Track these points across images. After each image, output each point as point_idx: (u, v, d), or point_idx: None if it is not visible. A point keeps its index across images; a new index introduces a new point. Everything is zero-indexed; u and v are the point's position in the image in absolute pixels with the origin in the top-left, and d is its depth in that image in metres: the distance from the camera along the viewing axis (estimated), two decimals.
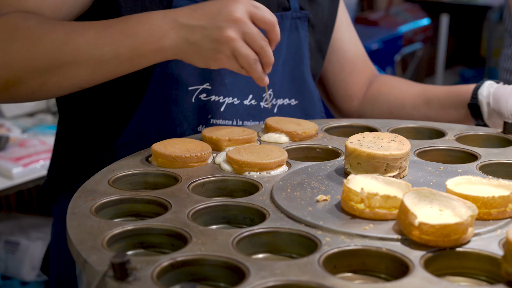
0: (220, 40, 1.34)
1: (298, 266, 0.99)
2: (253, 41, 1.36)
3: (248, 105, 1.63)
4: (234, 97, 1.60)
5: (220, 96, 1.58)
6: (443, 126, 1.58)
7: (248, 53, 1.36)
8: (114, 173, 1.31)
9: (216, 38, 1.35)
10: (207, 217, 1.18)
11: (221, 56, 1.36)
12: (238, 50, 1.35)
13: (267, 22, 1.38)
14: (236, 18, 1.34)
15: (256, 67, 1.38)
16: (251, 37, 1.36)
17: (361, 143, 1.29)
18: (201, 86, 1.57)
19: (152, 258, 1.00)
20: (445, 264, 1.04)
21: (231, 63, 1.38)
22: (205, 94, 1.57)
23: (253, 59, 1.37)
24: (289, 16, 1.66)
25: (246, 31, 1.35)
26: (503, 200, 1.11)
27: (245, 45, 1.36)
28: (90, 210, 1.16)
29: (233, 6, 1.35)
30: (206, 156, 1.36)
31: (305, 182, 1.26)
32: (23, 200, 3.49)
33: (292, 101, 1.71)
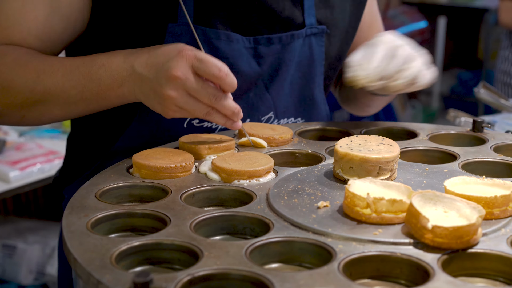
0: (162, 97, 1.33)
1: (321, 275, 0.98)
2: (199, 97, 1.32)
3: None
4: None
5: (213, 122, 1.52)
6: (413, 126, 1.60)
7: (196, 108, 1.33)
8: (98, 186, 1.26)
9: (159, 95, 1.33)
10: (207, 229, 1.15)
11: (168, 111, 1.35)
12: (183, 107, 1.33)
13: (213, 76, 1.31)
14: (174, 76, 1.30)
15: (211, 118, 1.35)
16: (196, 93, 1.32)
17: (351, 147, 1.29)
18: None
19: (170, 275, 0.97)
20: (459, 265, 1.05)
21: (185, 113, 1.35)
22: (197, 120, 1.54)
23: (204, 113, 1.34)
24: (302, 34, 1.58)
25: (188, 87, 1.31)
26: (504, 199, 1.13)
27: (191, 100, 1.32)
28: (86, 227, 1.11)
29: (174, 62, 1.31)
30: (190, 165, 1.33)
31: (299, 188, 1.25)
32: (20, 204, 3.46)
33: (299, 119, 1.67)
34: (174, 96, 1.31)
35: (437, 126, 1.61)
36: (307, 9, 1.59)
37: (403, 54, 1.45)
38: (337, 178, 1.29)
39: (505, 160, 1.40)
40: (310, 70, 1.62)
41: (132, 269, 1.06)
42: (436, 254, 1.03)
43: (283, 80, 1.59)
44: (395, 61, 1.43)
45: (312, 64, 1.62)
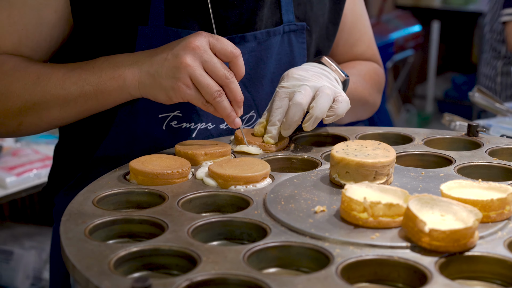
0: (177, 66, 1.32)
1: (319, 280, 0.98)
2: (214, 71, 1.33)
3: (224, 128, 1.59)
4: (208, 122, 1.56)
5: (192, 122, 1.54)
6: (407, 131, 1.61)
7: (209, 82, 1.33)
8: (96, 193, 1.26)
9: (174, 66, 1.33)
10: (205, 234, 1.16)
11: (180, 84, 1.33)
12: (197, 79, 1.33)
13: (229, 54, 1.35)
14: (194, 45, 1.33)
15: (221, 101, 1.35)
16: (212, 66, 1.33)
17: (347, 152, 1.29)
18: (171, 114, 1.53)
19: (168, 281, 0.97)
20: (456, 269, 1.05)
21: (193, 94, 1.35)
22: (175, 122, 1.54)
23: (216, 91, 1.34)
24: (279, 31, 1.59)
25: (205, 59, 1.33)
26: (501, 203, 1.14)
27: (206, 75, 1.33)
28: (84, 233, 1.11)
29: (192, 37, 1.35)
30: (187, 171, 1.33)
31: (296, 193, 1.25)
32: (16, 209, 3.47)
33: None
34: (192, 64, 1.32)
35: (432, 130, 1.61)
36: (285, 6, 1.60)
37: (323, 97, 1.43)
38: (333, 183, 1.29)
39: (500, 164, 1.40)
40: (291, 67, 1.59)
41: (131, 275, 1.06)
42: (433, 258, 1.04)
43: (262, 78, 1.59)
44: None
45: (293, 61, 1.63)
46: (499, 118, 2.19)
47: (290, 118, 1.43)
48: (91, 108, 1.44)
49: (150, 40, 1.47)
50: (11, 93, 1.42)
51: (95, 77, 1.40)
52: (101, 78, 1.40)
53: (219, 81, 1.35)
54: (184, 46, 1.34)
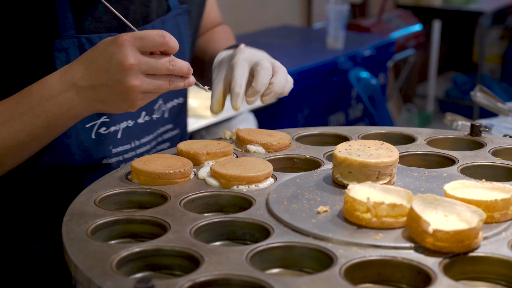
0: (125, 92, 1.29)
1: (322, 280, 0.98)
2: (157, 71, 1.31)
3: (142, 122, 1.59)
4: (128, 120, 1.56)
5: (117, 124, 1.53)
6: (410, 131, 1.60)
7: (159, 83, 1.32)
8: (97, 193, 1.26)
9: (121, 91, 1.30)
10: (207, 234, 1.15)
11: (134, 102, 1.32)
12: (147, 89, 1.31)
13: (159, 46, 1.31)
14: (128, 65, 1.28)
15: (175, 85, 1.34)
16: (153, 70, 1.31)
17: (350, 152, 1.29)
18: (98, 121, 1.51)
19: (171, 281, 0.97)
20: (460, 269, 1.05)
21: (149, 98, 1.34)
22: (104, 128, 1.52)
23: (167, 84, 1.33)
24: (170, 17, 1.61)
25: (145, 68, 1.30)
26: (505, 203, 1.13)
27: (152, 80, 1.31)
28: (86, 233, 1.11)
29: (120, 54, 1.28)
30: (189, 171, 1.33)
31: (298, 193, 1.25)
32: None
33: (180, 99, 1.69)
34: (138, 84, 1.29)
35: (435, 130, 1.61)
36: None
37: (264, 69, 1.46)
38: (336, 183, 1.29)
39: (503, 164, 1.40)
40: (181, 51, 1.60)
41: (133, 276, 1.06)
42: (437, 258, 1.03)
43: None
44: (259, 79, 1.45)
45: (182, 43, 1.62)
46: (501, 118, 2.18)
47: (260, 81, 1.44)
48: (45, 143, 1.41)
49: (66, 51, 1.44)
50: None
51: (41, 120, 1.35)
52: (48, 119, 1.34)
53: (166, 73, 1.33)
54: (119, 69, 1.28)
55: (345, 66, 3.79)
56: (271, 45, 3.87)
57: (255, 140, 1.47)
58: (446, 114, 1.91)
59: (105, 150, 1.53)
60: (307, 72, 3.54)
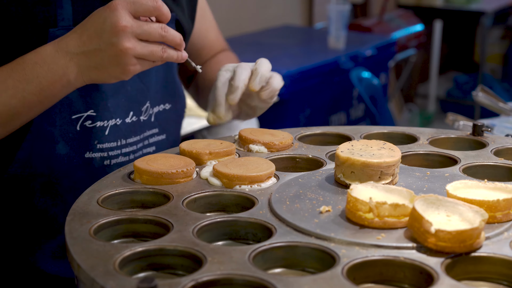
0: (118, 55, 1.31)
1: (325, 280, 0.98)
2: (150, 36, 1.33)
3: (129, 122, 1.59)
4: (117, 118, 1.57)
5: (104, 120, 1.54)
6: (412, 130, 1.60)
7: (152, 49, 1.33)
8: (100, 193, 1.26)
9: (114, 54, 1.31)
10: (209, 234, 1.15)
11: (127, 67, 1.33)
12: (141, 54, 1.32)
13: (151, 10, 1.33)
14: (122, 27, 1.30)
15: (168, 54, 1.36)
16: (146, 34, 1.32)
17: (352, 151, 1.29)
18: (84, 114, 1.52)
19: (174, 281, 0.97)
20: (462, 269, 1.05)
21: (142, 65, 1.35)
22: (90, 121, 1.53)
23: (160, 51, 1.34)
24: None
25: (138, 32, 1.31)
26: (507, 203, 1.14)
27: (145, 44, 1.33)
28: (89, 233, 1.11)
29: (113, 17, 1.31)
30: (191, 171, 1.33)
31: (301, 193, 1.25)
32: None
33: (167, 105, 1.69)
34: (130, 46, 1.30)
35: (437, 130, 1.61)
36: None
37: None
38: (338, 182, 1.29)
39: (506, 164, 1.40)
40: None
41: (136, 275, 1.06)
42: (439, 258, 1.03)
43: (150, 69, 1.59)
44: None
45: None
46: (502, 118, 2.18)
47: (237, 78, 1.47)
48: (36, 113, 1.41)
49: None
50: None
51: (34, 86, 1.35)
52: (41, 85, 1.35)
53: (159, 39, 1.34)
54: (112, 31, 1.30)
55: (346, 66, 3.79)
56: (272, 45, 3.87)
57: (257, 140, 1.48)
58: (447, 114, 1.92)
59: (88, 144, 1.53)
60: (309, 72, 3.53)
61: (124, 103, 1.56)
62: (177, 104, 1.72)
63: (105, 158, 1.56)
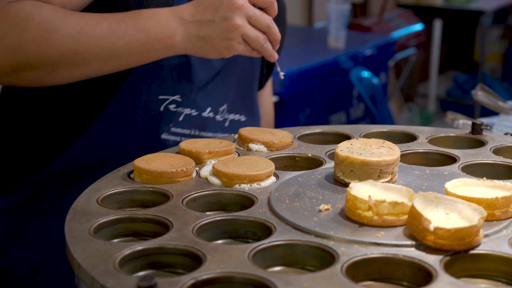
0: (229, 29, 1.41)
1: (324, 278, 0.98)
2: (259, 22, 1.43)
3: (205, 117, 1.65)
4: (193, 109, 1.63)
5: (184, 108, 1.61)
6: (412, 129, 1.61)
7: (257, 34, 1.43)
8: (100, 192, 1.26)
9: (225, 28, 1.41)
10: (209, 233, 1.16)
11: (233, 43, 1.42)
12: (248, 35, 1.42)
13: (266, 1, 1.44)
14: (239, 5, 1.40)
15: (266, 46, 1.46)
16: (256, 19, 1.42)
17: (351, 150, 1.29)
18: (171, 97, 1.58)
19: (174, 279, 0.97)
20: (461, 267, 1.05)
21: (244, 48, 1.44)
22: (174, 105, 1.59)
23: (263, 39, 1.45)
24: None
25: (250, 14, 1.42)
26: (506, 201, 1.14)
27: (252, 28, 1.43)
28: (89, 232, 1.11)
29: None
30: (191, 170, 1.33)
31: (300, 192, 1.25)
32: None
33: (242, 117, 1.74)
34: (241, 24, 1.41)
35: (436, 129, 1.61)
36: None
37: None
38: (338, 181, 1.29)
39: (504, 162, 1.40)
40: (251, 74, 1.76)
41: (136, 274, 1.06)
42: (438, 256, 1.04)
43: (234, 77, 1.70)
44: None
45: (253, 69, 1.76)
46: (502, 117, 2.19)
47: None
48: (132, 63, 1.46)
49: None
50: (53, 39, 1.38)
51: (142, 36, 1.42)
52: (149, 37, 1.43)
53: (263, 30, 1.45)
54: (229, 7, 1.40)
55: (346, 66, 3.79)
56: None
57: (257, 139, 1.48)
58: (447, 113, 1.92)
59: (166, 125, 1.60)
60: (308, 72, 3.54)
61: (205, 97, 1.64)
62: (252, 120, 1.78)
63: (178, 143, 1.61)
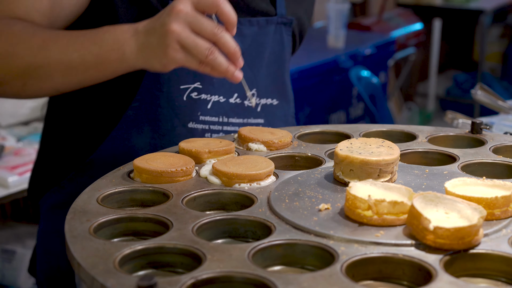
0: (165, 34, 1.32)
1: (324, 277, 0.98)
2: (201, 29, 1.31)
3: (233, 103, 1.65)
4: (220, 95, 1.62)
5: (208, 94, 1.61)
6: (411, 128, 1.61)
7: (197, 42, 1.31)
8: (100, 191, 1.26)
9: (162, 34, 1.32)
10: (209, 232, 1.16)
11: (169, 50, 1.32)
12: (184, 41, 1.31)
13: (212, 5, 1.33)
14: (177, 9, 1.31)
15: (214, 58, 1.32)
16: (197, 25, 1.31)
17: (351, 149, 1.29)
18: (192, 85, 1.58)
19: (174, 279, 0.97)
20: (461, 266, 1.05)
21: (185, 57, 1.33)
22: (196, 93, 1.59)
23: (206, 49, 1.31)
24: (274, 21, 1.66)
25: (190, 20, 1.31)
26: (505, 200, 1.14)
27: (193, 36, 1.31)
28: (89, 231, 1.11)
29: (175, 1, 1.33)
30: (191, 169, 1.33)
31: (300, 191, 1.25)
32: (18, 209, 3.45)
33: (274, 101, 1.72)
34: (177, 30, 1.30)
35: (436, 128, 1.61)
36: (279, 1, 1.68)
37: None
38: (337, 180, 1.29)
39: (504, 161, 1.40)
40: (282, 56, 1.70)
41: (135, 273, 1.06)
42: (438, 255, 1.04)
43: (261, 60, 1.66)
44: None
45: (283, 50, 1.70)
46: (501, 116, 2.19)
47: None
48: (91, 77, 1.44)
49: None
50: (16, 54, 1.41)
51: (96, 47, 1.40)
52: (102, 48, 1.39)
53: (209, 38, 1.33)
54: (168, 12, 1.33)
55: (345, 65, 3.79)
56: None
57: (256, 138, 1.48)
58: (446, 112, 1.92)
59: (192, 114, 1.59)
60: (308, 71, 3.54)
61: (229, 82, 1.52)
62: (285, 103, 1.76)
63: (207, 130, 1.62)
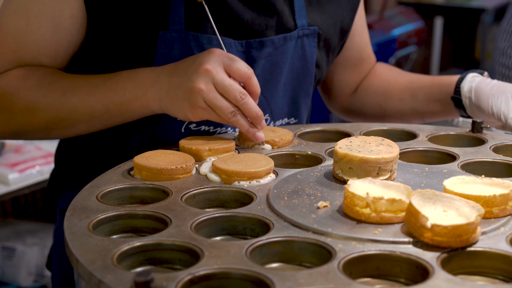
0: (191, 91, 1.35)
1: (321, 274, 0.98)
2: (226, 92, 1.35)
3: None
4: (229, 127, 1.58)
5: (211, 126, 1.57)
6: (412, 127, 1.61)
7: (222, 105, 1.36)
8: (100, 188, 1.27)
9: (188, 90, 1.36)
10: (208, 229, 1.16)
11: (196, 108, 1.37)
12: (211, 102, 1.36)
13: (242, 74, 1.37)
14: (205, 68, 1.34)
15: (236, 120, 1.38)
16: (224, 88, 1.35)
17: (350, 147, 1.29)
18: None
19: (171, 275, 0.97)
20: (458, 264, 1.05)
21: (209, 115, 1.38)
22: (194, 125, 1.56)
23: (230, 112, 1.36)
24: (294, 36, 1.59)
25: (217, 81, 1.35)
26: (503, 198, 1.14)
27: (219, 97, 1.35)
28: (88, 228, 1.12)
29: (205, 57, 1.36)
30: (191, 167, 1.33)
31: (299, 189, 1.25)
32: (19, 206, 3.48)
33: (292, 120, 1.69)
34: (204, 89, 1.34)
35: (437, 127, 1.61)
36: (298, 10, 1.61)
37: None
38: (336, 178, 1.30)
39: (504, 160, 1.40)
40: (303, 71, 1.64)
41: (134, 269, 1.07)
42: (435, 253, 1.04)
43: (277, 82, 1.61)
44: None
45: (305, 65, 1.64)
46: None
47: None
48: (116, 122, 1.47)
49: (171, 44, 1.48)
50: (38, 109, 1.46)
51: (118, 97, 1.42)
52: (125, 97, 1.42)
53: (234, 101, 1.37)
54: (196, 69, 1.35)
55: None
56: None
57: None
58: None
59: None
60: None
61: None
62: (303, 119, 1.73)
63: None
